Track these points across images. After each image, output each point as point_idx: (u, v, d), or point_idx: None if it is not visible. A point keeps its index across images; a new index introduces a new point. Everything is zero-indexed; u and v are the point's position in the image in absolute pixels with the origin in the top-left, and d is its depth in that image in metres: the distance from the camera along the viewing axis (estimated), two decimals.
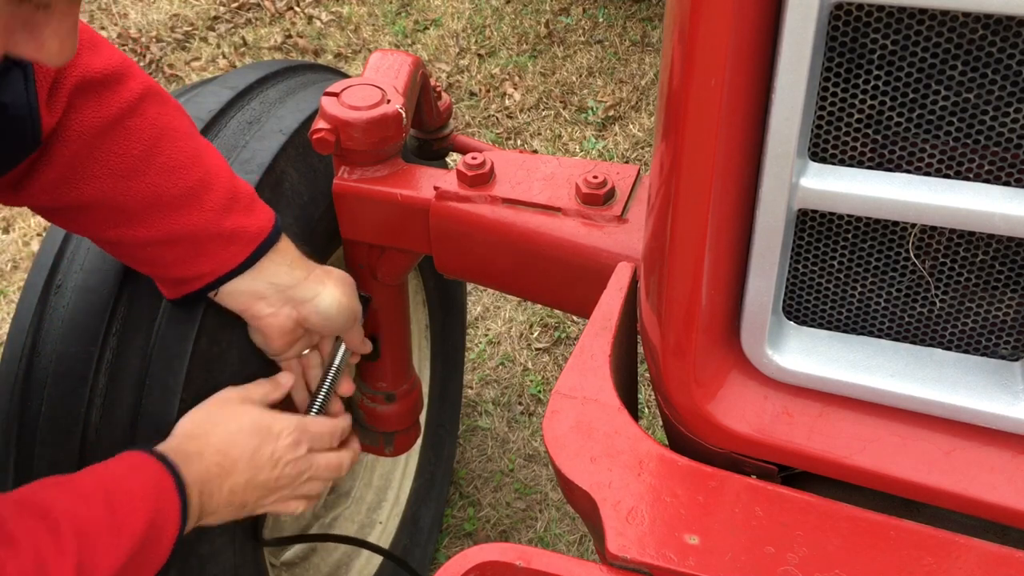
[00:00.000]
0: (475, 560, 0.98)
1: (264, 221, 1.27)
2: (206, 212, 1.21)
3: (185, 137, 1.21)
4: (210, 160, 1.23)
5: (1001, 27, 0.80)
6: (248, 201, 1.26)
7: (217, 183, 1.22)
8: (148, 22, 4.22)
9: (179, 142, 1.20)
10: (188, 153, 1.20)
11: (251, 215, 1.26)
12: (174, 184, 1.18)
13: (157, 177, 1.17)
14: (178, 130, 1.20)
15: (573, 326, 2.83)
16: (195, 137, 1.24)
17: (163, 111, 1.19)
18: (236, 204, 1.24)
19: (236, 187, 1.25)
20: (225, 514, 1.20)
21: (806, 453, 1.05)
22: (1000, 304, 0.97)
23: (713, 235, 0.97)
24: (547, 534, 2.34)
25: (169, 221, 1.19)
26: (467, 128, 3.66)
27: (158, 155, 1.17)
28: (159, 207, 1.18)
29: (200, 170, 1.21)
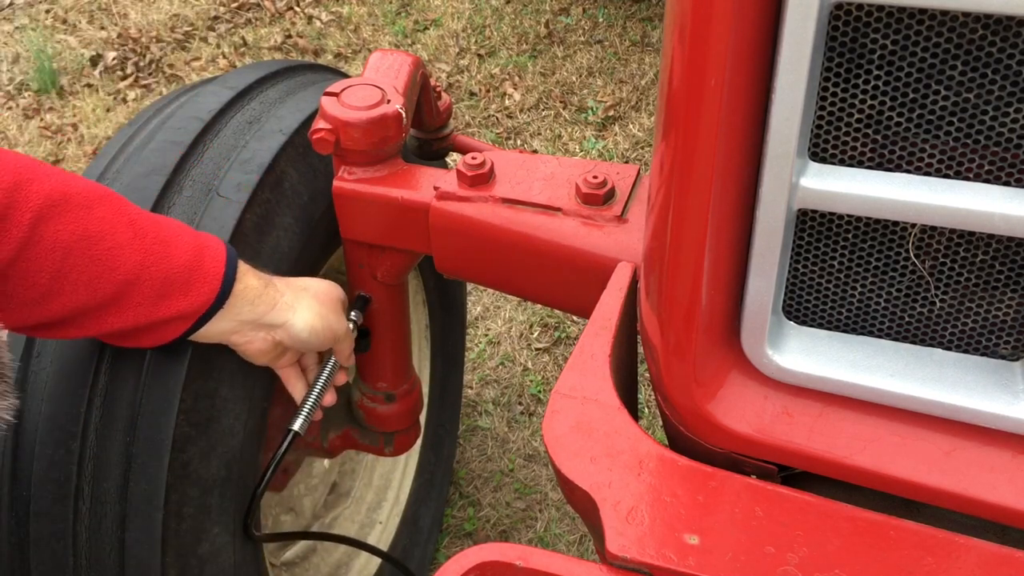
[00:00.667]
0: (475, 560, 0.98)
1: (208, 290, 1.20)
2: (136, 308, 1.15)
3: (95, 243, 1.10)
4: (131, 252, 1.13)
5: (1001, 27, 0.80)
6: (184, 277, 1.18)
7: (144, 275, 1.14)
8: (148, 22, 4.22)
9: (90, 252, 1.09)
10: (103, 259, 1.10)
11: (190, 291, 1.18)
12: (93, 296, 1.11)
13: (73, 294, 1.10)
14: (86, 238, 1.09)
15: (573, 326, 2.83)
16: (109, 235, 1.12)
17: (62, 225, 1.07)
18: (170, 288, 1.17)
19: (169, 268, 1.16)
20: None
21: (806, 453, 1.05)
22: (1000, 304, 0.97)
23: (713, 235, 0.97)
24: (547, 534, 2.33)
25: (99, 324, 1.14)
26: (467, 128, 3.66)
27: (69, 273, 1.08)
28: (84, 316, 1.13)
29: (121, 272, 1.12)
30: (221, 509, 1.35)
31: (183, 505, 1.29)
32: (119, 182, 1.38)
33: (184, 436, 1.27)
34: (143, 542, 1.26)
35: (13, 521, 1.29)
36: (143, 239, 1.15)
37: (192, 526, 1.31)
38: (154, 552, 1.26)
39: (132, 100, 3.81)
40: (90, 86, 3.88)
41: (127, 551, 1.27)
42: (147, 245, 1.15)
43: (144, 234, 1.15)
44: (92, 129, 3.65)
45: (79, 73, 3.94)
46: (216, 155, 1.43)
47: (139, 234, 1.15)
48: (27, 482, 1.27)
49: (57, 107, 3.77)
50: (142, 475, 1.25)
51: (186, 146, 1.41)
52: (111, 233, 1.12)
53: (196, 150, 1.42)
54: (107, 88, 3.87)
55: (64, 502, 1.26)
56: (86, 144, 3.58)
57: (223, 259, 1.22)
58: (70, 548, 1.27)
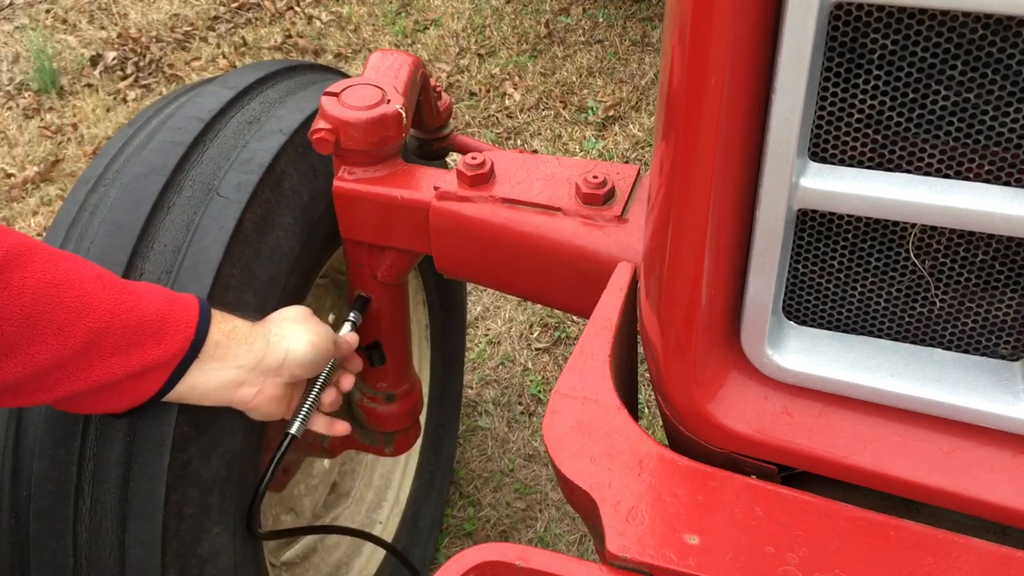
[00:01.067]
0: (475, 560, 0.98)
1: (182, 337, 1.17)
2: (108, 358, 1.11)
3: (62, 289, 1.08)
4: (100, 301, 1.11)
5: (1001, 27, 0.80)
6: (156, 324, 1.15)
7: (115, 323, 1.11)
8: (148, 22, 4.22)
9: (58, 298, 1.07)
10: (71, 307, 1.08)
11: (162, 340, 1.15)
12: (63, 345, 1.07)
13: (43, 345, 1.06)
14: (52, 284, 1.07)
15: (573, 326, 2.83)
16: (77, 282, 1.10)
17: (29, 272, 1.05)
18: (142, 336, 1.13)
19: (140, 316, 1.14)
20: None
21: (806, 453, 1.05)
22: (1000, 304, 0.97)
23: (713, 235, 0.97)
24: (547, 534, 2.33)
25: (71, 380, 1.10)
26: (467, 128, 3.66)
27: (37, 322, 1.05)
28: (56, 370, 1.08)
29: (91, 319, 1.09)
30: (221, 509, 1.35)
31: (183, 505, 1.29)
32: (119, 182, 1.38)
33: (184, 436, 1.27)
34: (143, 542, 1.26)
35: (13, 521, 1.29)
36: (111, 289, 1.13)
37: (192, 526, 1.31)
38: (154, 552, 1.26)
39: (132, 100, 3.82)
40: (90, 86, 3.88)
41: (127, 551, 1.27)
42: (115, 294, 1.12)
43: (112, 284, 1.13)
44: (92, 129, 3.65)
45: (79, 73, 3.94)
46: (216, 155, 1.43)
47: (107, 285, 1.13)
48: (27, 482, 1.27)
49: (57, 107, 3.77)
50: (142, 475, 1.25)
51: (186, 146, 1.41)
52: (79, 281, 1.10)
53: (196, 150, 1.42)
54: (107, 88, 3.87)
55: (64, 502, 1.26)
56: (86, 144, 3.58)
57: (195, 309, 1.19)
58: (70, 548, 1.27)
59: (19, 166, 3.47)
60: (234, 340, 1.22)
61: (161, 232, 1.33)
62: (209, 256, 1.31)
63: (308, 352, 1.31)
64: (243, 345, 1.23)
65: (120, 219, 1.33)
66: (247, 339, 1.24)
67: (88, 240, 1.32)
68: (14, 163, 3.48)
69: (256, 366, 1.25)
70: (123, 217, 1.33)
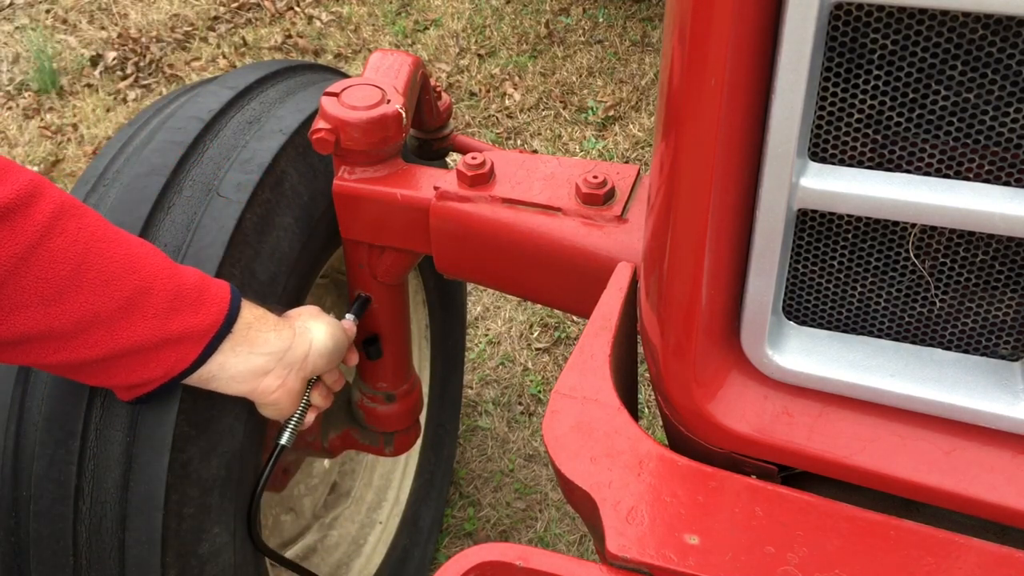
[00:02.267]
0: (475, 560, 0.98)
1: (216, 310, 1.20)
2: (149, 319, 1.14)
3: (114, 244, 1.12)
4: (146, 262, 1.15)
5: (1001, 27, 0.80)
6: (195, 295, 1.18)
7: (157, 285, 1.14)
8: (148, 22, 4.22)
9: (108, 251, 1.11)
10: (120, 261, 1.12)
11: (199, 309, 1.18)
12: (110, 297, 1.11)
13: (91, 294, 1.09)
14: (104, 239, 1.12)
15: (573, 326, 2.83)
16: (124, 241, 1.15)
17: (83, 224, 1.10)
18: (181, 302, 1.16)
19: (179, 283, 1.17)
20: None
21: (806, 453, 1.05)
22: (1000, 304, 0.97)
23: (713, 235, 0.97)
24: (547, 534, 2.33)
25: (111, 337, 1.12)
26: (467, 128, 3.66)
27: (88, 271, 1.09)
28: (98, 324, 1.11)
29: (136, 277, 1.13)
30: (221, 509, 1.35)
31: (183, 505, 1.29)
32: (119, 182, 1.38)
33: (184, 436, 1.27)
34: (143, 542, 1.26)
35: (13, 521, 1.29)
36: (155, 255, 1.17)
37: (192, 526, 1.31)
38: (154, 552, 1.26)
39: (132, 100, 3.82)
40: (90, 86, 3.88)
41: (127, 551, 1.27)
42: (159, 260, 1.16)
43: (155, 251, 1.18)
44: (92, 129, 3.65)
45: (79, 73, 3.94)
46: (216, 155, 1.43)
47: (151, 250, 1.17)
48: (27, 482, 1.27)
49: (57, 107, 3.77)
50: (142, 475, 1.25)
51: (186, 146, 1.41)
52: (127, 242, 1.14)
53: (196, 150, 1.42)
54: (107, 88, 3.87)
55: (64, 502, 1.26)
56: (86, 144, 3.58)
57: (228, 288, 1.23)
58: (70, 548, 1.27)
59: None
60: (265, 325, 1.26)
61: (161, 232, 1.33)
62: (209, 256, 1.32)
63: (329, 343, 1.36)
64: (272, 331, 1.27)
65: (120, 219, 1.33)
66: (276, 327, 1.28)
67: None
68: None
69: (284, 355, 1.28)
70: (123, 217, 1.33)
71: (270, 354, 1.26)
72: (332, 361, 1.39)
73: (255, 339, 1.23)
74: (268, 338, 1.25)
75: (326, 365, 1.38)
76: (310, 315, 1.38)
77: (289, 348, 1.29)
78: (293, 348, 1.29)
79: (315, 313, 1.39)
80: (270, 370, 1.27)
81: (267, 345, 1.25)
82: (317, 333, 1.35)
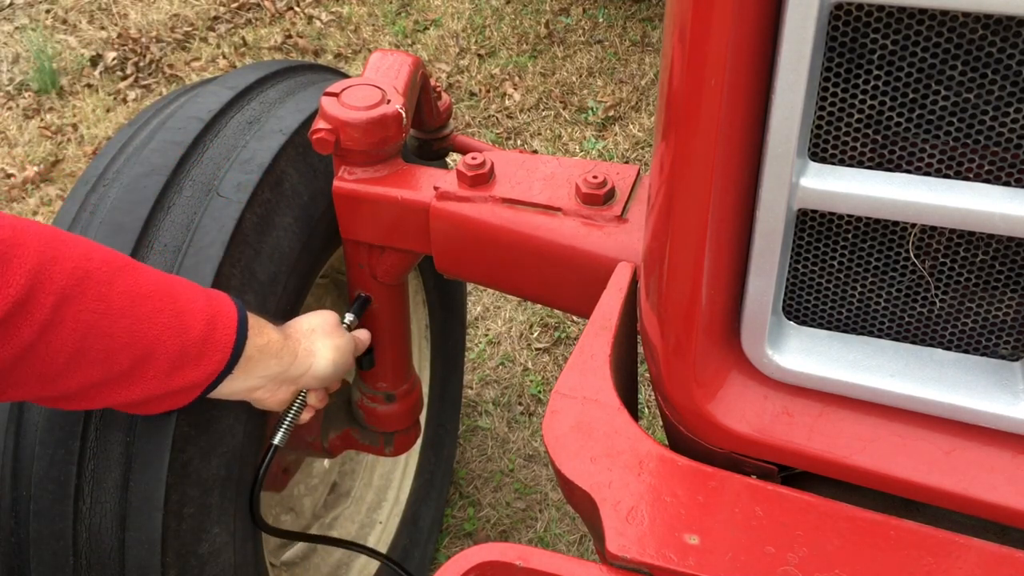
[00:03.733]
0: (475, 560, 0.98)
1: (219, 358, 1.18)
2: (150, 380, 1.13)
3: (116, 319, 1.08)
4: (149, 327, 1.11)
5: (1001, 27, 0.80)
6: (199, 348, 1.16)
7: (160, 349, 1.12)
8: (148, 22, 4.22)
9: (110, 328, 1.08)
10: (122, 337, 1.09)
11: (202, 362, 1.17)
12: (110, 369, 1.09)
13: (90, 369, 1.08)
14: (107, 314, 1.07)
15: (573, 326, 2.83)
16: (128, 311, 1.10)
17: (84, 305, 1.05)
18: (184, 360, 1.15)
19: (184, 341, 1.14)
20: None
21: (806, 453, 1.05)
22: (1000, 304, 0.97)
23: (713, 235, 0.97)
24: (547, 534, 2.33)
25: (112, 396, 1.13)
26: (467, 128, 3.66)
27: (88, 351, 1.07)
28: (98, 389, 1.11)
29: (139, 347, 1.10)
30: (221, 509, 1.35)
31: (183, 505, 1.29)
32: (119, 182, 1.38)
33: (184, 436, 1.27)
34: (143, 542, 1.26)
35: (13, 521, 1.29)
36: (160, 313, 1.13)
37: (192, 526, 1.31)
38: (154, 552, 1.26)
39: (132, 100, 3.82)
40: (90, 86, 3.88)
41: (127, 551, 1.27)
42: (164, 319, 1.13)
43: (161, 309, 1.13)
44: (92, 129, 3.65)
45: (79, 73, 3.94)
46: (216, 155, 1.43)
47: (156, 308, 1.12)
48: (27, 482, 1.27)
49: (57, 107, 3.77)
50: (142, 475, 1.25)
51: (186, 146, 1.41)
52: (130, 308, 1.10)
53: (196, 150, 1.42)
54: (107, 88, 3.87)
55: (64, 502, 1.26)
56: (86, 144, 3.58)
57: (234, 325, 1.20)
58: (70, 548, 1.27)
59: (19, 166, 3.47)
60: (266, 355, 1.26)
61: (161, 232, 1.33)
62: (209, 256, 1.32)
63: (328, 370, 1.37)
64: (272, 359, 1.27)
65: (120, 219, 1.33)
66: (279, 353, 1.28)
67: None
68: (14, 163, 3.48)
69: (278, 376, 1.30)
70: (123, 217, 1.33)
71: (263, 377, 1.27)
72: (326, 383, 1.41)
73: (254, 368, 1.24)
74: (268, 364, 1.26)
75: (318, 386, 1.40)
76: (321, 334, 1.37)
77: (285, 371, 1.30)
78: (289, 371, 1.31)
79: (328, 331, 1.38)
80: (262, 387, 1.28)
81: (266, 370, 1.26)
82: (320, 359, 1.35)
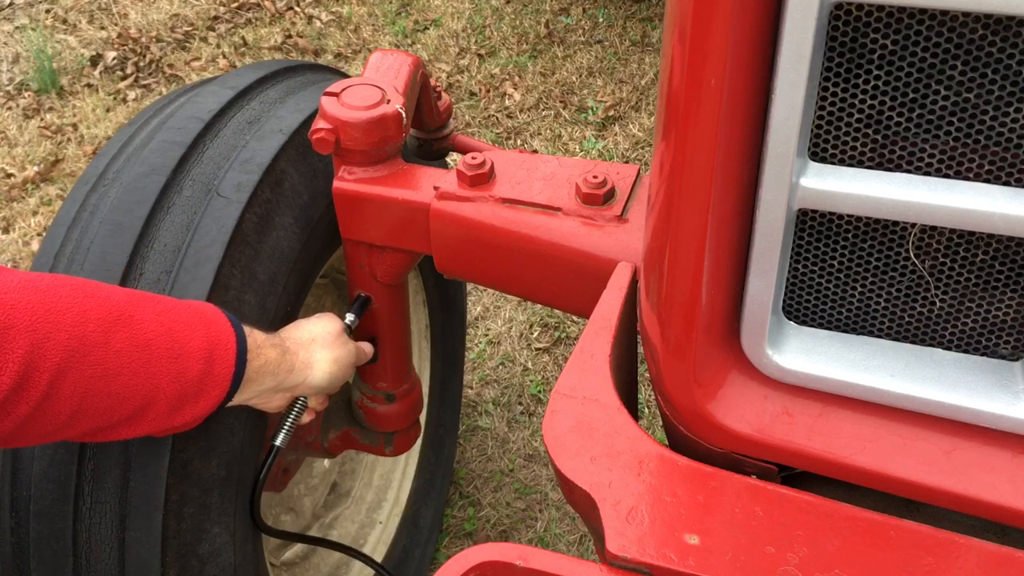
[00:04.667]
0: (475, 560, 0.98)
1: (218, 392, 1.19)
2: (151, 423, 1.15)
3: (114, 379, 1.08)
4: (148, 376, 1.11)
5: (1001, 27, 0.80)
6: (197, 388, 1.16)
7: (159, 396, 1.13)
8: (148, 22, 4.22)
9: (108, 388, 1.08)
10: (120, 393, 1.10)
11: (201, 399, 1.18)
12: (110, 419, 1.11)
13: (90, 422, 1.09)
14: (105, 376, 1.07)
15: (573, 326, 2.83)
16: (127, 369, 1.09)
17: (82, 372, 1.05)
18: (184, 401, 1.16)
19: (183, 383, 1.15)
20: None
21: (806, 453, 1.05)
22: (1000, 304, 0.97)
23: (713, 235, 0.97)
24: (547, 534, 2.33)
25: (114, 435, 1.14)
26: (467, 128, 3.66)
27: (87, 411, 1.08)
28: (99, 433, 1.13)
29: (138, 398, 1.11)
30: (221, 509, 1.35)
31: (183, 505, 1.29)
32: (119, 182, 1.38)
33: (184, 436, 1.27)
34: (143, 542, 1.26)
35: (13, 521, 1.29)
36: (159, 361, 1.12)
37: (192, 526, 1.31)
38: (154, 552, 1.26)
39: (132, 100, 3.82)
40: (90, 86, 3.88)
41: (127, 551, 1.27)
42: (162, 366, 1.13)
43: (159, 356, 1.12)
44: (92, 129, 3.65)
45: (79, 73, 3.94)
46: (216, 155, 1.43)
47: (154, 356, 1.12)
48: (27, 482, 1.27)
49: (57, 107, 3.77)
50: (142, 475, 1.25)
51: (186, 146, 1.41)
52: (128, 365, 1.10)
53: (196, 150, 1.42)
54: (107, 88, 3.87)
55: (64, 502, 1.26)
56: (86, 144, 3.58)
57: (232, 357, 1.20)
58: (70, 548, 1.27)
59: (19, 166, 3.47)
60: (262, 374, 1.27)
61: (161, 232, 1.33)
62: (209, 256, 1.32)
63: (324, 382, 1.38)
64: (269, 376, 1.28)
65: (120, 219, 1.33)
66: (275, 372, 1.29)
67: (88, 240, 1.32)
68: (14, 163, 3.48)
69: (273, 388, 1.31)
70: (123, 217, 1.33)
71: (259, 391, 1.28)
72: (322, 393, 1.42)
73: (249, 387, 1.25)
74: (263, 382, 1.27)
75: (313, 394, 1.42)
76: (321, 345, 1.38)
77: (281, 383, 1.31)
78: (284, 382, 1.32)
79: (328, 342, 1.39)
80: (258, 396, 1.30)
81: (260, 387, 1.27)
82: (316, 372, 1.36)
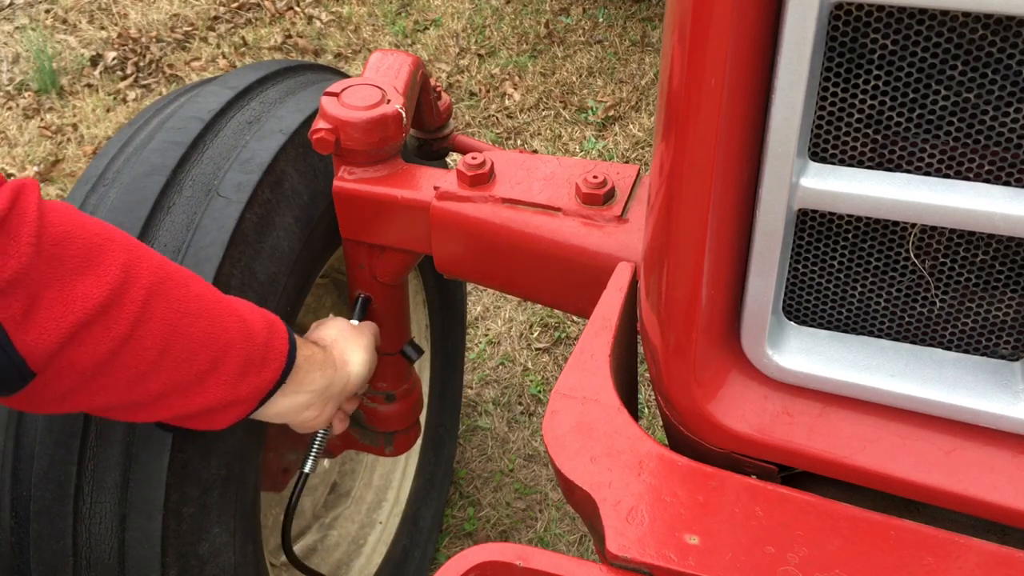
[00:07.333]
0: (475, 560, 0.98)
1: (276, 366, 1.20)
2: (220, 386, 1.15)
3: (196, 319, 1.11)
4: (223, 328, 1.14)
5: (1001, 27, 0.80)
6: (262, 353, 1.18)
7: (231, 351, 1.14)
8: (148, 22, 4.22)
9: (191, 329, 1.10)
10: (200, 337, 1.11)
11: (264, 368, 1.19)
12: (188, 371, 1.11)
13: (172, 372, 1.09)
14: (188, 314, 1.10)
15: (573, 326, 2.83)
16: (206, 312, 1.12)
17: (170, 303, 1.08)
18: (250, 365, 1.17)
19: (250, 345, 1.16)
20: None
21: (806, 453, 1.05)
22: (1000, 304, 0.97)
23: (713, 235, 0.97)
24: (547, 534, 2.33)
25: (183, 403, 1.13)
26: (467, 128, 3.66)
27: (171, 351, 1.08)
28: (174, 394, 1.12)
29: (214, 348, 1.13)
30: (221, 509, 1.35)
31: (183, 505, 1.29)
32: (119, 182, 1.38)
33: (184, 436, 1.27)
34: (143, 542, 1.26)
35: (13, 521, 1.29)
36: (230, 317, 1.15)
37: (192, 526, 1.31)
38: (154, 552, 1.26)
39: (132, 100, 3.82)
40: (90, 86, 3.88)
41: (127, 551, 1.27)
42: (233, 323, 1.15)
43: (229, 313, 1.15)
44: (92, 129, 3.65)
45: (79, 73, 3.94)
46: (216, 155, 1.43)
47: (225, 312, 1.15)
48: (27, 482, 1.27)
49: (57, 107, 3.77)
50: (142, 475, 1.25)
51: (186, 146, 1.41)
52: (207, 310, 1.12)
53: (196, 150, 1.42)
54: (107, 88, 3.87)
55: (64, 502, 1.26)
56: (86, 144, 3.58)
57: (286, 334, 1.22)
58: (70, 548, 1.27)
59: (19, 166, 3.47)
60: (312, 365, 1.27)
61: (161, 232, 1.33)
62: (209, 256, 1.32)
63: (364, 371, 1.40)
64: (318, 371, 1.29)
65: (120, 219, 1.33)
66: (321, 365, 1.30)
67: None
68: (14, 163, 3.48)
69: (324, 390, 1.31)
70: (123, 217, 1.33)
71: (312, 392, 1.29)
72: (364, 386, 1.45)
73: (303, 380, 1.26)
74: (314, 378, 1.28)
75: (360, 390, 1.45)
76: (347, 340, 1.40)
77: (331, 383, 1.32)
78: (334, 383, 1.33)
79: (349, 336, 1.41)
80: (310, 405, 1.30)
81: (312, 384, 1.28)
82: (355, 365, 1.38)
